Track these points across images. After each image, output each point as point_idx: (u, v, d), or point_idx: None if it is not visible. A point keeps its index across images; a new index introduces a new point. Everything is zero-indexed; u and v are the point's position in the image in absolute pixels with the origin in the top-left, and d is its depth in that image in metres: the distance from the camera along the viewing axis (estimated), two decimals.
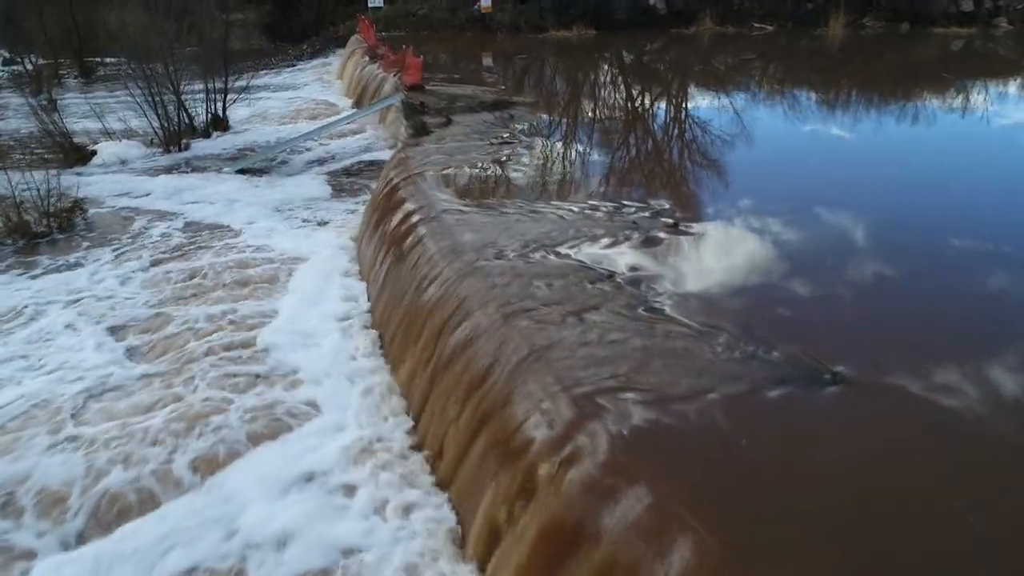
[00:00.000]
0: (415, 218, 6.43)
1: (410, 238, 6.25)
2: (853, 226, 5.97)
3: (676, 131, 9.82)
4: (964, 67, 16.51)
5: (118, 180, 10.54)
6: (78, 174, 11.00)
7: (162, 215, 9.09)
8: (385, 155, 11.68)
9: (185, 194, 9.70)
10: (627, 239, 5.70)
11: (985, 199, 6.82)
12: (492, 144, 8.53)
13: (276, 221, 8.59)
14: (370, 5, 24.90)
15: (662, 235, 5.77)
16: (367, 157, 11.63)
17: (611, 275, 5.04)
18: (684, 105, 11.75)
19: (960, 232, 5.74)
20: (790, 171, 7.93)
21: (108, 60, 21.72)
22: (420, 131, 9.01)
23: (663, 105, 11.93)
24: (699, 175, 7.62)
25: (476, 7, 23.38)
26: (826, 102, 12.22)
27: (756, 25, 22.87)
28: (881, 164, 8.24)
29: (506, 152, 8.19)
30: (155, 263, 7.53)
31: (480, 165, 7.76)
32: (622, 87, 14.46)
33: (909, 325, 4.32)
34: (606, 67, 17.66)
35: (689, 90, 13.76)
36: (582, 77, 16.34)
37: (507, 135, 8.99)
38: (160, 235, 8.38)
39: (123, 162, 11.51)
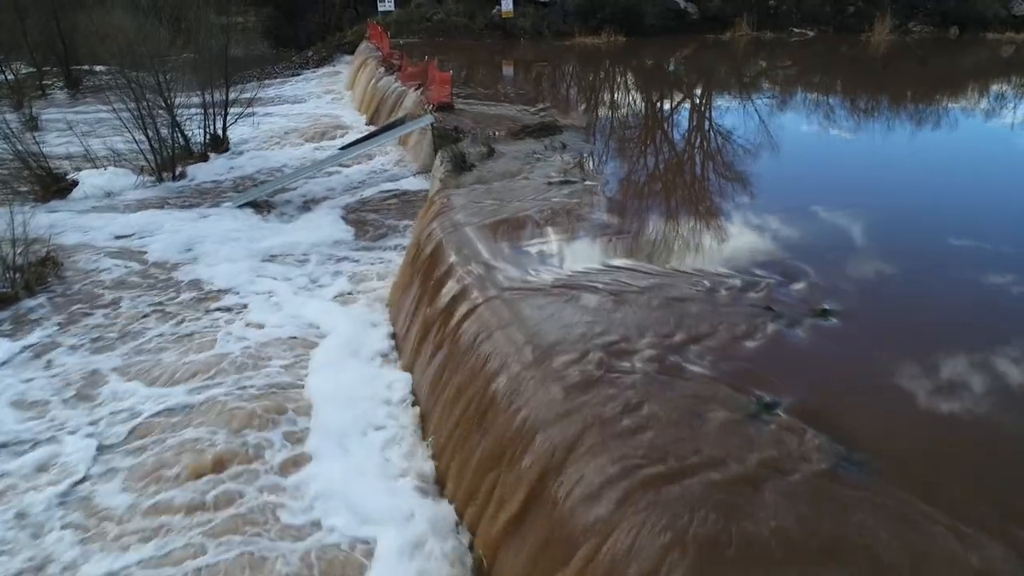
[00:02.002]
0: (475, 295, 4.95)
1: (469, 324, 4.77)
2: None
3: (766, 162, 8.21)
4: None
5: (101, 220, 8.85)
6: (74, 212, 9.38)
7: (149, 272, 7.47)
8: (410, 183, 10.19)
9: (179, 238, 8.10)
10: (768, 336, 4.28)
11: None
12: (549, 184, 7.02)
13: (286, 282, 7.00)
14: (380, 9, 23.42)
15: (812, 328, 4.33)
16: (390, 186, 10.12)
17: (772, 406, 3.58)
18: (766, 129, 9.98)
19: None
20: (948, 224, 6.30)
21: (97, 68, 20.11)
22: (460, 165, 7.51)
23: (737, 129, 10.14)
24: (822, 226, 6.03)
25: (496, 12, 21.89)
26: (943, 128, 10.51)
27: (795, 30, 21.39)
28: None
29: (569, 196, 6.67)
30: (125, 369, 5.70)
31: (541, 214, 6.25)
32: (683, 107, 12.72)
33: None
34: (653, 80, 15.95)
35: (762, 107, 12.01)
36: (628, 92, 14.53)
37: (564, 171, 7.47)
38: (145, 306, 6.67)
39: (109, 194, 9.89)
